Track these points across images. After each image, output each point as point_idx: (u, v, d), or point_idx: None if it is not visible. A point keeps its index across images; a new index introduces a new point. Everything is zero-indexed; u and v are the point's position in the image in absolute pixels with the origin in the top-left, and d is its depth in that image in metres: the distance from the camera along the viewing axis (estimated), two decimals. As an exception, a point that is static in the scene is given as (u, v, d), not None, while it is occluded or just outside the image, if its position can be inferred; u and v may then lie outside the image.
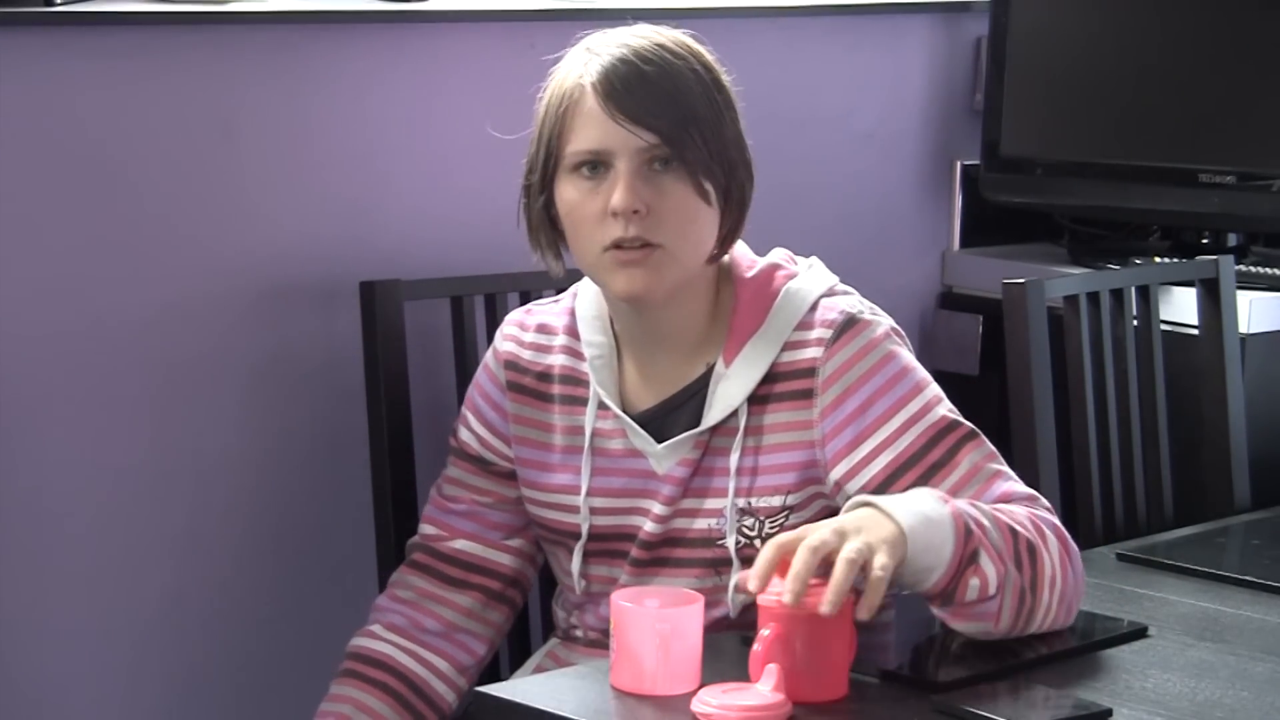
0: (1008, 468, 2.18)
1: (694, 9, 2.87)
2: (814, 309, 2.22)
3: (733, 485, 2.21)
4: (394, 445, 2.60)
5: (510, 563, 2.39)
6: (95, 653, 2.56)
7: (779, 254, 2.29)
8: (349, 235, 2.68)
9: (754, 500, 2.21)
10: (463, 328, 2.66)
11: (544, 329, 2.34)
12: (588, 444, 2.27)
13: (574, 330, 2.31)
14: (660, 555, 2.25)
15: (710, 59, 2.22)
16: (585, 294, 2.32)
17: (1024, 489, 2.15)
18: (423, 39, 2.73)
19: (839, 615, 1.87)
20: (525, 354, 2.34)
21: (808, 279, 2.25)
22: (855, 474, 2.16)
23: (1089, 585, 2.15)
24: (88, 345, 2.51)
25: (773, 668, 1.87)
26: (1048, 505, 2.15)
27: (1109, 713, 1.90)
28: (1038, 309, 2.70)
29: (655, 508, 2.24)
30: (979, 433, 2.18)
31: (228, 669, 2.66)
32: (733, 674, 1.91)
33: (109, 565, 2.55)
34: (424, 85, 2.73)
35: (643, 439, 2.25)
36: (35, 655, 2.52)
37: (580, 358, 2.29)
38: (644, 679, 1.92)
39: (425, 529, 2.40)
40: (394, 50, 2.70)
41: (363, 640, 2.38)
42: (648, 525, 2.25)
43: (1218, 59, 3.16)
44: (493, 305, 2.67)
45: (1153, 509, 2.84)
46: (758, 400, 2.21)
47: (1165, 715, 1.92)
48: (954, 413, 2.19)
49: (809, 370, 2.20)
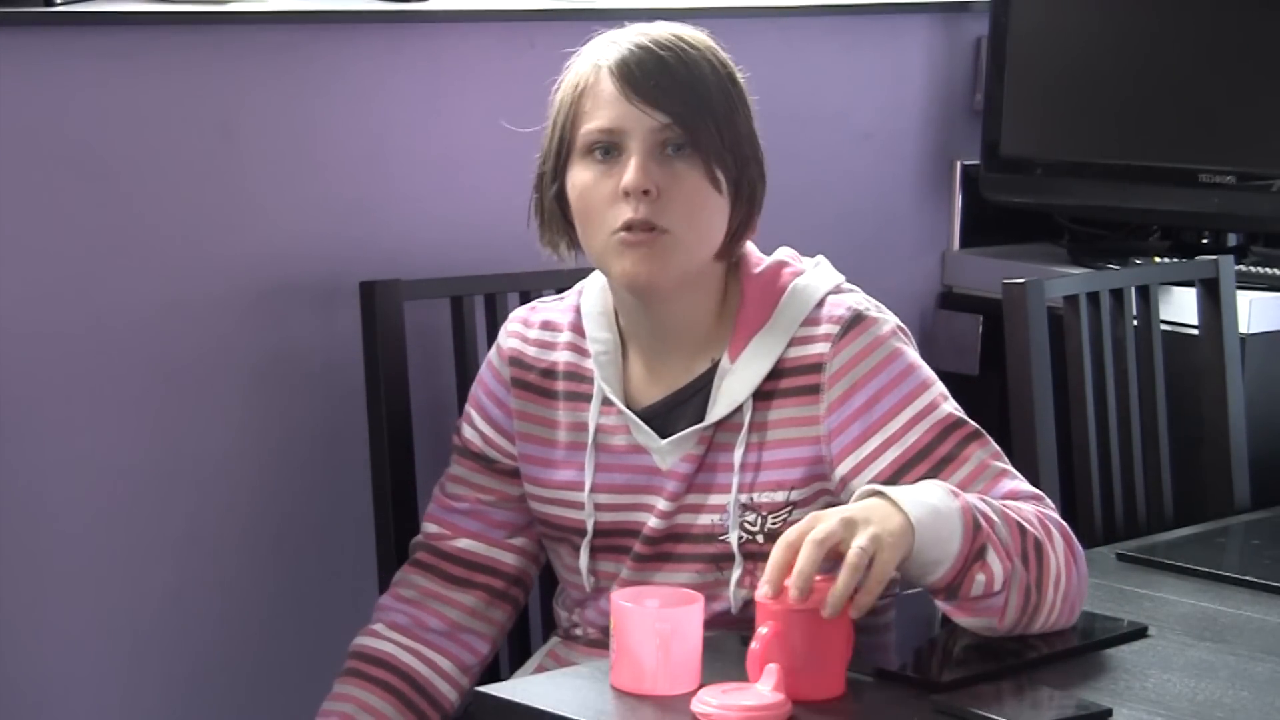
0: (1012, 467, 2.18)
1: (694, 9, 2.86)
2: (821, 305, 2.22)
3: (736, 481, 2.21)
4: (394, 445, 2.60)
5: (513, 561, 2.38)
6: (95, 653, 2.56)
7: (785, 252, 2.29)
8: (349, 235, 2.68)
9: (757, 496, 2.21)
10: (463, 328, 2.66)
11: (549, 326, 2.34)
12: (591, 440, 2.27)
13: (579, 327, 2.31)
14: (663, 550, 2.25)
15: (726, 56, 2.22)
16: (591, 291, 2.32)
17: (1029, 488, 2.15)
18: (422, 39, 2.73)
19: (838, 614, 1.88)
20: (530, 350, 2.34)
21: (814, 276, 2.25)
22: (861, 470, 2.16)
23: (1089, 585, 2.15)
24: (88, 345, 2.51)
25: (773, 668, 1.87)
26: (1052, 505, 2.15)
27: (1109, 713, 1.90)
28: (1038, 309, 2.70)
29: (659, 503, 2.24)
30: (984, 432, 2.18)
31: (228, 669, 2.66)
32: (733, 674, 1.91)
33: (109, 565, 2.55)
34: (424, 85, 2.73)
35: (646, 435, 2.25)
36: (35, 655, 2.52)
37: (585, 354, 2.30)
38: (644, 679, 1.92)
39: (428, 528, 2.40)
40: (394, 50, 2.70)
41: (365, 639, 2.37)
42: (651, 521, 2.25)
43: (1218, 59, 3.16)
44: (493, 305, 2.67)
45: (1153, 509, 2.84)
46: (763, 396, 2.21)
47: (1165, 715, 1.92)
48: (959, 411, 2.19)
49: (815, 366, 2.19)
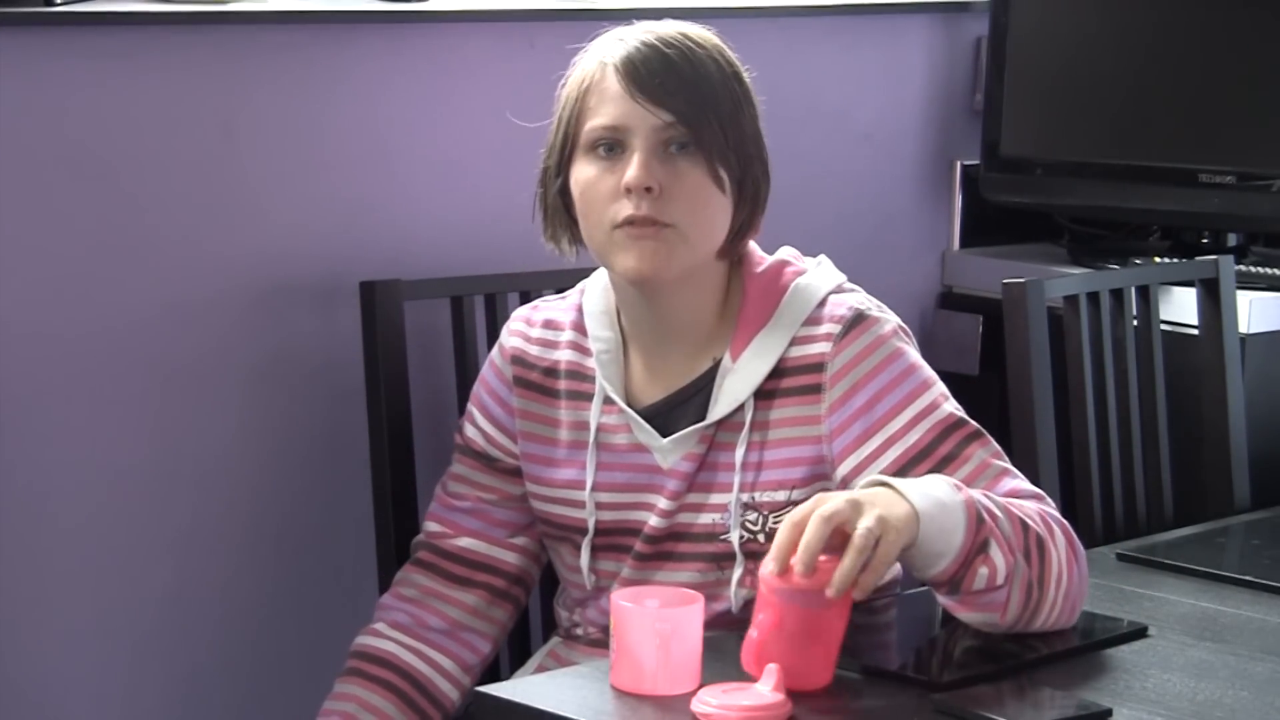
0: (1013, 467, 2.18)
1: (694, 9, 2.86)
2: (823, 304, 2.22)
3: (738, 480, 2.21)
4: (394, 445, 2.60)
5: (515, 560, 2.39)
6: (95, 653, 2.56)
7: (787, 251, 2.29)
8: (349, 235, 2.68)
9: (758, 495, 2.21)
10: (463, 328, 2.66)
11: (550, 325, 2.34)
12: (593, 439, 2.27)
13: (580, 326, 2.31)
14: (664, 550, 2.25)
15: (733, 56, 2.22)
16: (593, 290, 2.32)
17: (1030, 487, 2.15)
18: (422, 39, 2.73)
19: (836, 602, 1.87)
20: (532, 349, 2.34)
21: (816, 275, 2.25)
22: (862, 469, 2.16)
23: (1089, 585, 2.15)
24: (88, 345, 2.51)
25: (772, 668, 1.87)
26: (1052, 504, 2.14)
27: (1109, 713, 1.90)
28: (1038, 309, 2.70)
29: (660, 502, 2.24)
30: (984, 432, 2.18)
31: (228, 669, 2.66)
32: (733, 674, 1.91)
33: (109, 565, 2.55)
34: (424, 85, 2.73)
35: (648, 433, 2.25)
36: (35, 655, 2.52)
37: (586, 353, 2.30)
38: (644, 679, 1.92)
39: (430, 526, 2.40)
40: (394, 51, 2.70)
41: (367, 638, 2.38)
42: (652, 520, 2.25)
43: (1218, 59, 3.16)
44: (493, 305, 2.67)
45: (1153, 509, 2.84)
46: (764, 395, 2.21)
47: (1165, 715, 1.92)
48: (960, 411, 2.19)
49: (817, 365, 2.20)
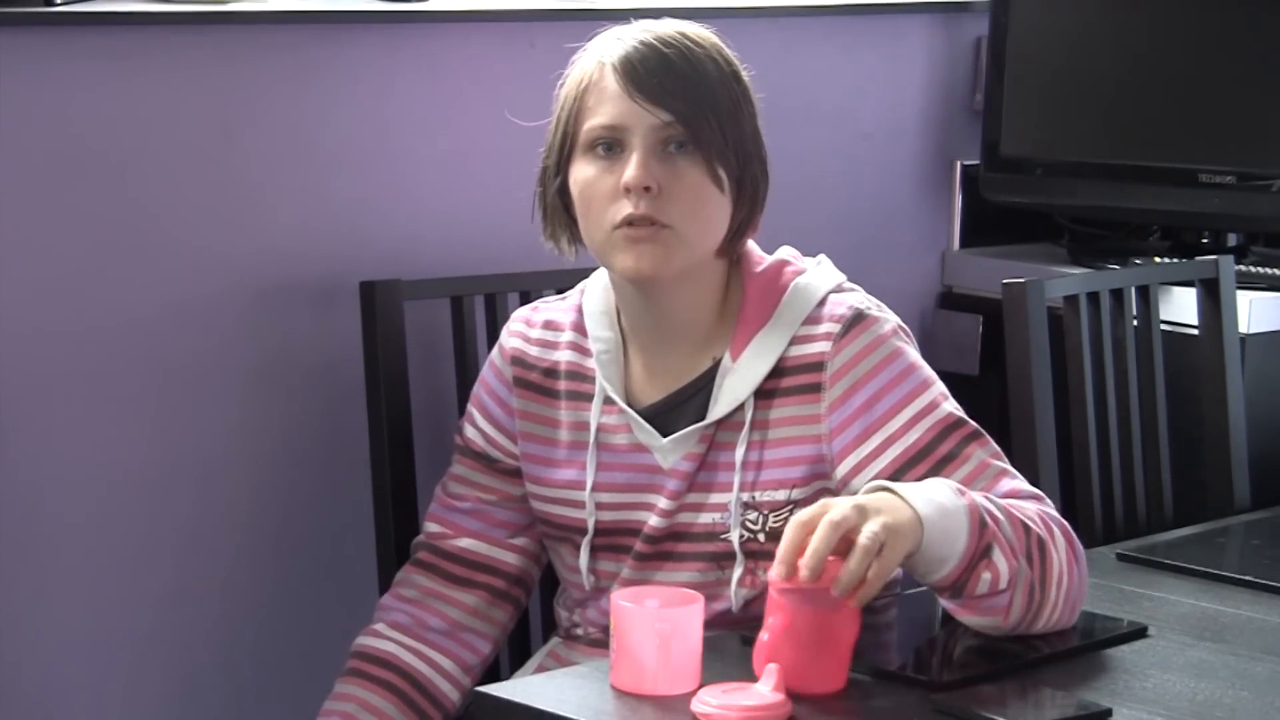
0: (1012, 467, 2.18)
1: (694, 9, 2.86)
2: (822, 304, 2.22)
3: (738, 479, 2.21)
4: (394, 445, 2.60)
5: (515, 561, 2.38)
6: (95, 652, 2.55)
7: (787, 251, 2.29)
8: (349, 235, 2.68)
9: (758, 494, 2.21)
10: (463, 328, 2.66)
11: (550, 325, 2.34)
12: (593, 439, 2.27)
13: (580, 327, 2.31)
14: (664, 549, 2.25)
15: (732, 55, 2.22)
16: (592, 290, 2.32)
17: (1029, 487, 2.15)
18: (422, 39, 2.72)
19: (846, 605, 1.87)
20: (532, 350, 2.34)
21: (816, 275, 2.25)
22: (862, 469, 2.16)
23: (1089, 585, 2.15)
24: (88, 345, 2.51)
25: (773, 668, 1.87)
26: (1052, 505, 2.14)
27: (1109, 713, 1.90)
28: (1038, 309, 2.70)
29: (660, 502, 2.24)
30: (984, 432, 2.18)
31: (228, 669, 2.66)
32: (733, 674, 1.91)
33: (109, 565, 2.55)
34: (424, 85, 2.73)
35: (648, 433, 2.25)
36: (35, 655, 2.52)
37: (586, 354, 2.30)
38: (644, 679, 1.92)
39: (430, 527, 2.40)
40: (394, 51, 2.70)
41: (367, 639, 2.37)
42: (652, 520, 2.25)
43: (1218, 59, 3.16)
44: (493, 305, 2.67)
45: (1153, 509, 2.84)
46: (764, 394, 2.21)
47: (1165, 715, 1.92)
48: (959, 411, 2.19)
49: (817, 364, 2.20)
